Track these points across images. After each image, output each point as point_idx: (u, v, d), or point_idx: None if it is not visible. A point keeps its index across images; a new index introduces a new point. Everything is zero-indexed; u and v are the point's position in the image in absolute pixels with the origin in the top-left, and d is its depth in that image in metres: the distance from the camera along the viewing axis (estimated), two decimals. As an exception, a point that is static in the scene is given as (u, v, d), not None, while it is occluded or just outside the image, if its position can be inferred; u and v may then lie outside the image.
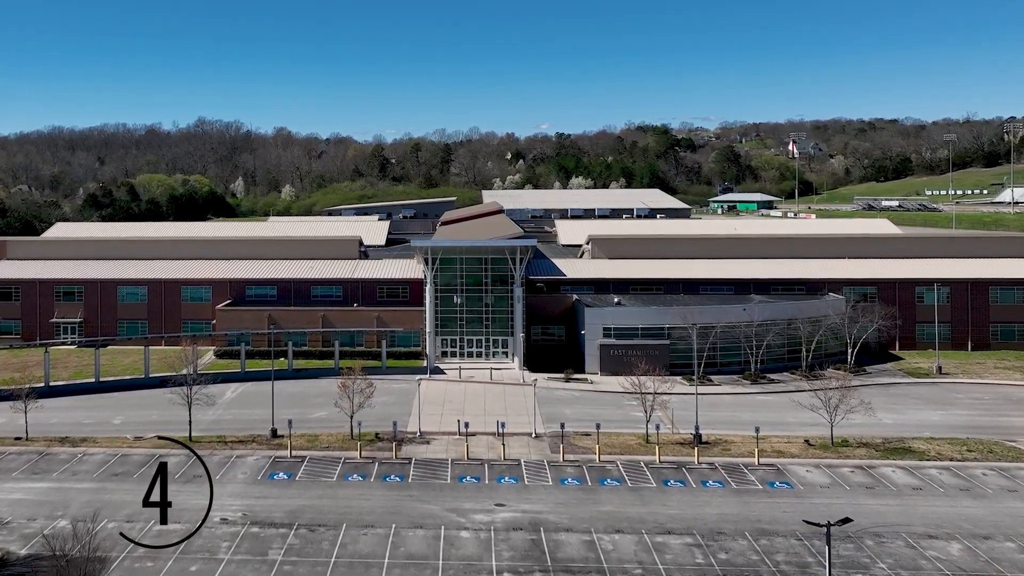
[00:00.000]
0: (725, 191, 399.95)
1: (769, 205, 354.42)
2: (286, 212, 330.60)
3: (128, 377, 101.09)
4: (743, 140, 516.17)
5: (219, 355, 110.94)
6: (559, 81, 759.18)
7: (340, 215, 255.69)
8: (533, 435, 79.26)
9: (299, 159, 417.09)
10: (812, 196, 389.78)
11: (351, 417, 78.57)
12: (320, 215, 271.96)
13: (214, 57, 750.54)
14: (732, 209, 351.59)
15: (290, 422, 77.34)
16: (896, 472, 69.41)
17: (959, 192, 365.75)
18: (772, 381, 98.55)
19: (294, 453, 74.93)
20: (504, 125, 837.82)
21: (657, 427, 75.29)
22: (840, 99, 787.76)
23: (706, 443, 76.11)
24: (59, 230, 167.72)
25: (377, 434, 79.46)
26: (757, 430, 73.68)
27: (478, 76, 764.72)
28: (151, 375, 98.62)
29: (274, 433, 79.79)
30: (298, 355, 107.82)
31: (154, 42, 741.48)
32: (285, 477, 69.52)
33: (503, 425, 76.77)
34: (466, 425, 77.61)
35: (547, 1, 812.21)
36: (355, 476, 69.56)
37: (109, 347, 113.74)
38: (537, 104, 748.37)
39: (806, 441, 76.63)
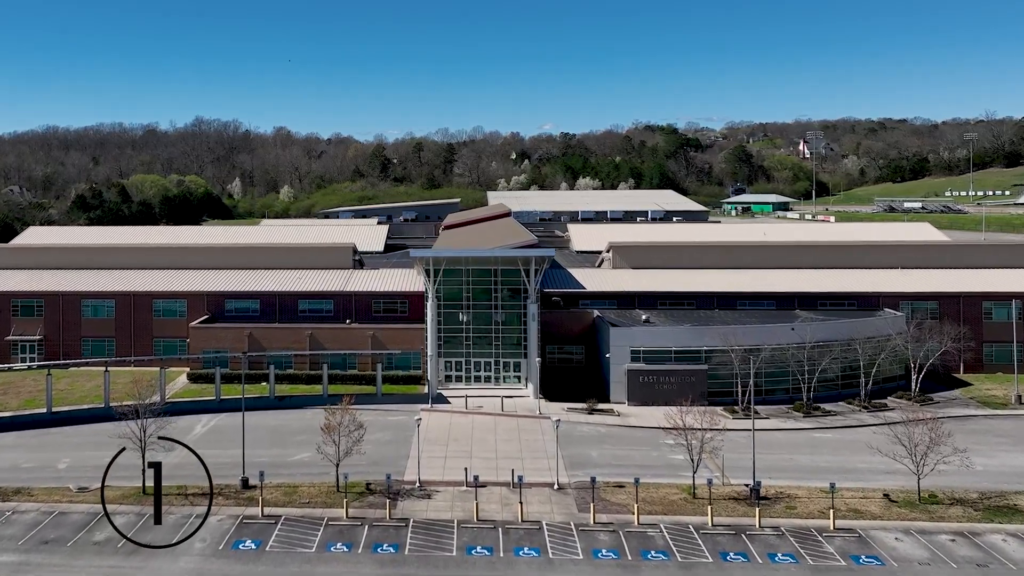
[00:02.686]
0: (737, 192, 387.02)
1: (785, 207, 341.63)
2: (284, 213, 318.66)
3: (86, 407, 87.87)
4: (750, 140, 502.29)
5: (193, 379, 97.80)
6: (560, 80, 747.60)
7: (337, 217, 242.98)
8: (555, 486, 66.09)
9: (298, 159, 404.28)
10: (828, 197, 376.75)
11: (336, 466, 65.43)
12: (318, 217, 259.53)
13: (213, 56, 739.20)
14: (746, 211, 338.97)
15: (262, 474, 63.95)
16: (1008, 542, 56.10)
17: (980, 193, 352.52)
18: (827, 413, 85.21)
19: (267, 511, 61.85)
20: (507, 124, 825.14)
21: (709, 481, 62.03)
22: (846, 99, 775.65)
23: (766, 499, 62.91)
24: (31, 236, 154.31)
25: (368, 484, 66.35)
26: (832, 486, 60.34)
27: (480, 75, 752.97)
28: (113, 404, 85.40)
29: (245, 483, 66.63)
30: (282, 379, 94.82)
31: (152, 41, 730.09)
32: (253, 546, 56.42)
33: (521, 478, 63.44)
34: (475, 478, 64.22)
35: (547, 0, 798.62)
36: (339, 546, 56.44)
37: (73, 368, 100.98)
38: (539, 103, 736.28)
39: (886, 496, 63.43)
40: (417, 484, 66.55)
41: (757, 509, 60.09)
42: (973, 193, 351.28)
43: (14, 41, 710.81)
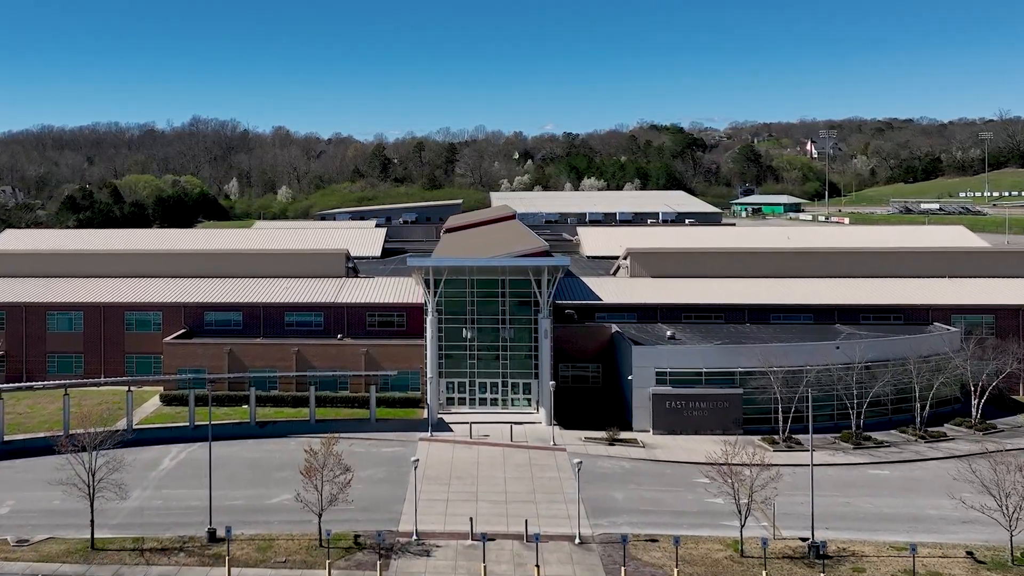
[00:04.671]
0: (747, 193, 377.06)
1: (796, 208, 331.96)
2: (282, 215, 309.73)
3: (43, 435, 77.62)
4: (755, 140, 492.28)
5: (167, 401, 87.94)
6: (562, 80, 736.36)
7: (335, 219, 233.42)
8: (576, 540, 56.20)
9: (297, 159, 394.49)
10: (840, 198, 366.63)
11: (319, 516, 55.66)
12: (315, 219, 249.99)
13: (211, 55, 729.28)
14: (757, 212, 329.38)
15: (228, 529, 54.20)
16: None
17: (996, 194, 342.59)
18: (879, 444, 75.16)
19: (235, 572, 52.04)
20: (509, 124, 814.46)
21: (764, 541, 52.16)
22: (850, 99, 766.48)
23: (827, 557, 53.03)
24: (6, 239, 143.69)
25: (357, 538, 56.48)
26: (914, 549, 50.43)
27: (482, 74, 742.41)
28: (74, 432, 75.33)
29: (212, 535, 56.71)
30: (265, 401, 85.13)
31: (150, 39, 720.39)
32: (214, 623, 46.71)
33: (537, 536, 53.61)
34: (483, 535, 54.20)
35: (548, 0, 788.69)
36: (318, 623, 46.74)
37: (35, 389, 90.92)
38: (540, 103, 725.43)
39: (969, 554, 53.57)
40: (414, 537, 56.70)
41: (821, 574, 50.20)
42: (989, 193, 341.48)
43: (10, 40, 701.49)
